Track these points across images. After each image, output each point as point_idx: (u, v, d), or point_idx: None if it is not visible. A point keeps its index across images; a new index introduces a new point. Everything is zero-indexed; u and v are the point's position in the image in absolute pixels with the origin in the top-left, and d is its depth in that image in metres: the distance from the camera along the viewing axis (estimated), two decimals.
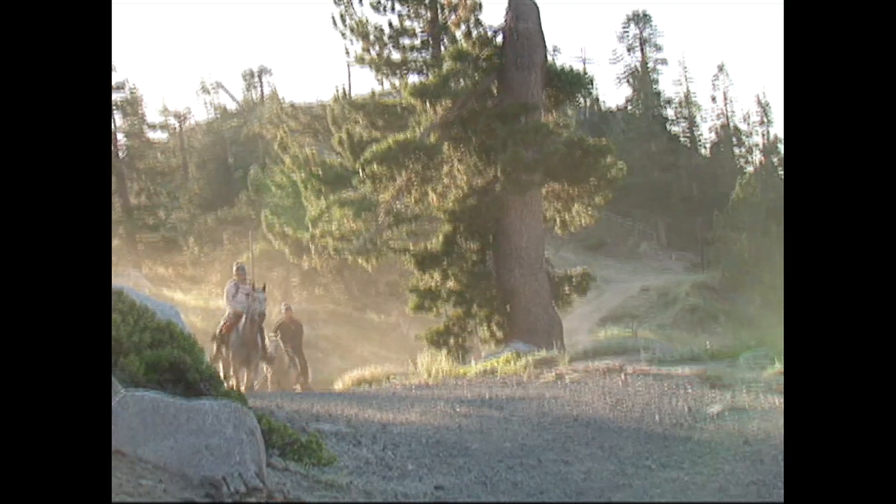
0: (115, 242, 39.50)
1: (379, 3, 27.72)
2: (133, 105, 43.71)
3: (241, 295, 17.78)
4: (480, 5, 23.25)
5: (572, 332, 34.94)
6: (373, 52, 27.85)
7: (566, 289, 22.50)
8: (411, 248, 22.79)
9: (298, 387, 19.66)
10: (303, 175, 28.19)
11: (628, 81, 76.79)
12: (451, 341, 22.16)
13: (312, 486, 4.70)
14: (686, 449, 6.65)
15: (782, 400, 9.63)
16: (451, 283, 22.44)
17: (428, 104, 22.57)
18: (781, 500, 5.06)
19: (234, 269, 19.41)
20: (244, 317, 17.19)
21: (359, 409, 8.85)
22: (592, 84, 23.41)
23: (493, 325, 21.99)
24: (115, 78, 42.09)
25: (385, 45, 27.93)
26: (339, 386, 14.27)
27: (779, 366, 11.68)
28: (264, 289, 17.31)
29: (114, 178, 40.78)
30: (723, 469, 5.92)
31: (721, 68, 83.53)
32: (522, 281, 21.48)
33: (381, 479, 5.39)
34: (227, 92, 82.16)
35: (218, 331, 18.34)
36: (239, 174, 49.76)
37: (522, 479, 5.56)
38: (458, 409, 9.29)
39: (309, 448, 5.37)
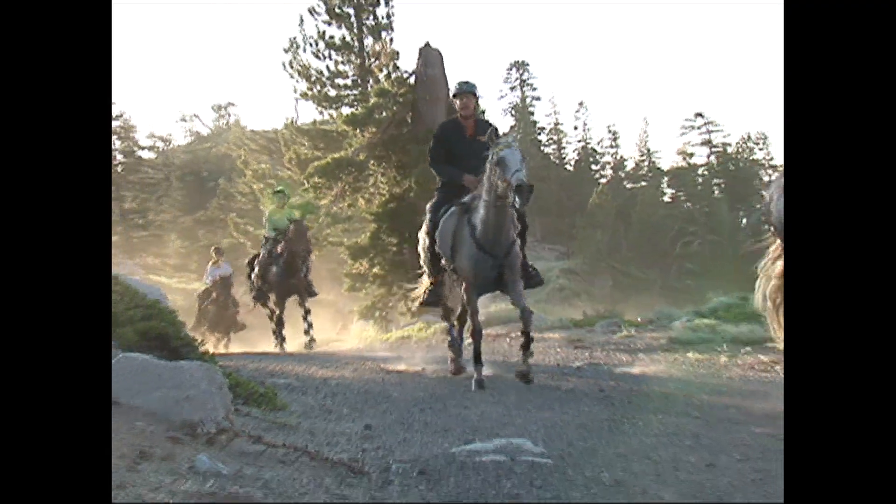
0: (114, 239, 39.70)
1: (319, 52, 27.83)
2: (127, 131, 43.84)
3: None
4: (398, 54, 23.45)
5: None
6: (314, 90, 27.89)
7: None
8: (345, 242, 22.78)
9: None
10: (260, 185, 28.06)
11: (511, 113, 77.16)
12: (377, 314, 22.26)
13: (269, 427, 4.67)
14: (556, 396, 6.70)
15: (629, 357, 9.79)
16: (376, 270, 22.52)
17: (358, 130, 22.72)
18: (628, 434, 5.14)
19: (213, 251, 18.83)
20: None
21: (305, 367, 8.79)
22: (484, 115, 23.53)
23: (409, 302, 22.04)
24: (115, 110, 42.33)
25: (324, 84, 27.95)
26: (290, 349, 14.17)
27: (625, 331, 11.85)
28: None
29: (113, 189, 40.96)
30: (583, 410, 5.98)
31: (581, 104, 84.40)
32: None
33: (323, 420, 5.37)
34: (200, 120, 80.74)
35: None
36: (211, 185, 49.02)
37: (431, 420, 5.57)
38: (381, 367, 9.28)
39: (266, 397, 5.34)
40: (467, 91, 8.01)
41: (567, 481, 3.82)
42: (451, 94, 7.97)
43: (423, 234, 8.43)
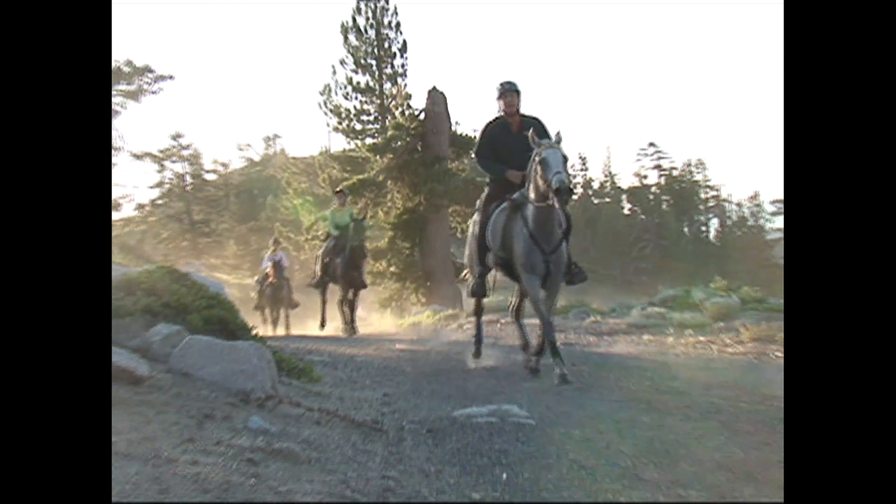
0: (183, 244, 40.84)
1: (347, 94, 28.31)
2: (195, 157, 44.27)
3: None
4: (410, 96, 23.62)
5: (466, 299, 34.99)
6: (343, 124, 28.32)
7: (464, 272, 22.64)
8: (367, 246, 22.86)
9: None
10: (300, 201, 28.22)
11: None
12: (393, 304, 22.37)
13: (307, 394, 4.68)
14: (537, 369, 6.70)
15: (596, 338, 9.77)
16: (392, 268, 22.64)
17: (378, 156, 22.89)
18: (594, 400, 5.13)
19: (271, 241, 18.25)
20: None
21: (335, 347, 8.79)
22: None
23: (419, 294, 22.16)
24: (184, 141, 43.01)
25: (351, 120, 28.33)
26: (323, 333, 14.16)
27: (593, 317, 11.83)
28: None
29: (184, 204, 42.36)
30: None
31: (558, 134, 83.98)
32: (437, 267, 21.68)
33: (350, 389, 5.38)
34: (253, 149, 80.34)
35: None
36: (260, 201, 49.02)
37: (437, 389, 5.57)
38: (397, 347, 9.28)
39: (305, 371, 5.33)
40: (510, 90, 6.82)
41: (546, 438, 3.82)
42: (496, 95, 6.76)
43: (472, 227, 7.22)
